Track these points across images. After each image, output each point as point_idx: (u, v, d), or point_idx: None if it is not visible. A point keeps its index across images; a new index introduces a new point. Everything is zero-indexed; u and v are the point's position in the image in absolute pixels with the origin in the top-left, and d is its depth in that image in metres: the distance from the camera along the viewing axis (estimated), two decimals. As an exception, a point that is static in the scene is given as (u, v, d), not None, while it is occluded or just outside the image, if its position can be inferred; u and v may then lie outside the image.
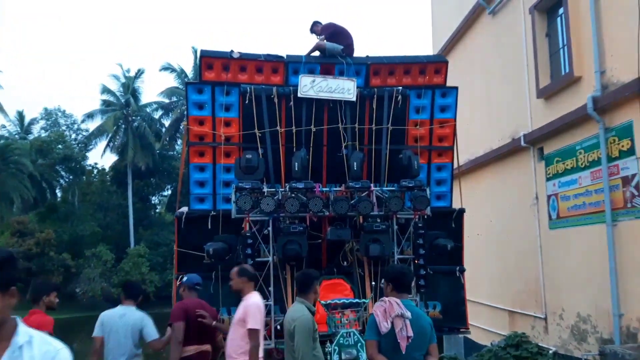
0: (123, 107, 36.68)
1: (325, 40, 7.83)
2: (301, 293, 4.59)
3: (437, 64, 8.11)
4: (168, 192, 39.51)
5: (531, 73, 9.94)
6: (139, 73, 37.82)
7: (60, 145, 37.32)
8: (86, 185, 37.39)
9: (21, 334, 1.92)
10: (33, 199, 34.22)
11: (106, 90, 36.97)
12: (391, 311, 3.82)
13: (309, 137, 7.59)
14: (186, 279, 5.57)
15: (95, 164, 39.57)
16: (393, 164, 7.65)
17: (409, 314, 3.83)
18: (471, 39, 13.09)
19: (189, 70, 37.14)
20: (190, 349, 5.10)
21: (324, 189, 7.35)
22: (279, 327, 6.57)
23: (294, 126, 7.54)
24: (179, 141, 36.84)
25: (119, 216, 36.51)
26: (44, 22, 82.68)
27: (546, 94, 9.47)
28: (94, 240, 33.54)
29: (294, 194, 6.82)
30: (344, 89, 7.47)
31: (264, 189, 6.96)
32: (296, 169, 7.05)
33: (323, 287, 6.64)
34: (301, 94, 7.42)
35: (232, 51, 7.52)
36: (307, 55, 7.81)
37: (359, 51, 8.08)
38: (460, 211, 8.04)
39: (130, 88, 37.05)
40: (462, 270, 7.90)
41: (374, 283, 6.86)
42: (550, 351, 8.67)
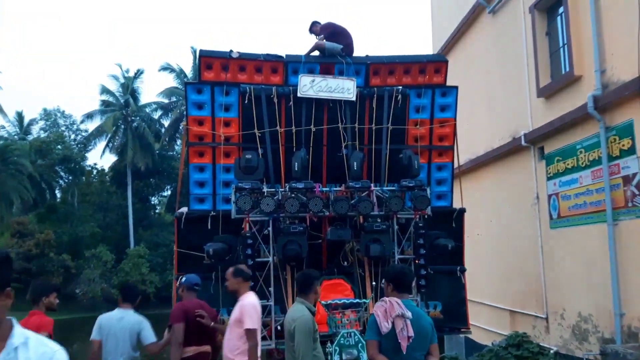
0: (122, 108, 36.65)
1: (325, 40, 7.81)
2: (301, 293, 4.57)
3: (437, 63, 8.10)
4: (168, 193, 39.51)
5: (531, 72, 9.92)
6: (138, 73, 37.82)
7: (59, 146, 37.30)
8: (86, 185, 37.38)
9: (17, 335, 1.89)
10: (32, 200, 34.19)
11: (105, 91, 36.96)
12: (392, 311, 3.80)
13: (309, 137, 7.58)
14: (185, 279, 5.56)
15: (95, 164, 39.69)
16: (393, 164, 7.64)
17: (409, 314, 3.81)
18: (471, 39, 13.07)
19: (188, 70, 37.15)
20: (189, 349, 5.09)
21: (324, 189, 7.34)
22: (279, 328, 6.56)
23: (293, 126, 7.53)
24: (179, 141, 36.84)
25: (118, 217, 36.50)
26: (44, 22, 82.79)
27: (546, 93, 9.45)
28: (93, 241, 33.53)
29: (294, 194, 6.81)
30: (344, 88, 7.46)
31: (264, 189, 6.94)
32: (296, 169, 7.03)
33: (323, 288, 6.63)
34: (301, 93, 7.41)
35: (232, 51, 7.50)
36: (307, 55, 7.79)
37: (359, 51, 8.09)
38: (461, 211, 8.03)
39: (129, 88, 37.03)
40: (463, 270, 7.89)
41: (374, 283, 6.84)
42: (551, 351, 8.65)
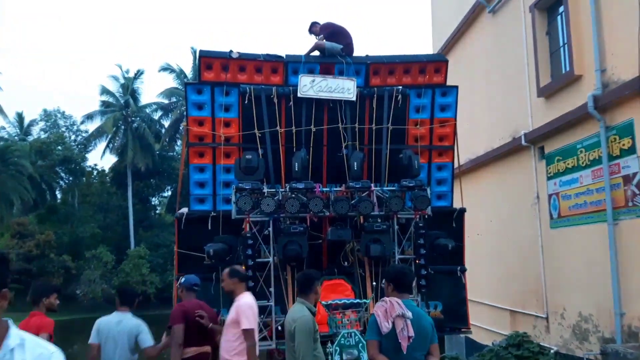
0: (122, 108, 36.65)
1: (325, 40, 7.81)
2: (302, 294, 4.57)
3: (437, 63, 8.09)
4: (168, 193, 39.49)
5: (531, 72, 9.92)
6: (138, 74, 37.83)
7: (59, 147, 37.31)
8: (86, 186, 37.38)
9: (13, 336, 1.86)
10: (33, 201, 34.19)
11: (105, 91, 36.96)
12: (392, 311, 3.80)
13: (309, 137, 7.57)
14: (183, 280, 5.54)
15: (95, 165, 39.65)
16: (393, 164, 7.63)
17: (410, 314, 3.81)
18: (471, 38, 13.07)
19: (188, 70, 37.16)
20: (190, 350, 5.09)
21: (324, 189, 7.33)
22: (280, 328, 6.55)
23: (293, 126, 7.52)
24: (179, 142, 36.83)
25: (119, 217, 36.50)
26: (44, 22, 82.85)
27: (547, 92, 9.45)
28: (94, 241, 33.53)
29: (294, 195, 6.80)
30: (344, 88, 7.45)
31: (264, 189, 6.94)
32: (296, 169, 7.03)
33: (324, 288, 6.62)
34: (301, 93, 7.40)
35: (231, 51, 7.49)
36: (307, 55, 7.79)
37: (359, 51, 8.08)
38: (461, 211, 8.03)
39: (129, 89, 37.04)
40: (463, 270, 7.88)
41: (374, 283, 6.84)
42: (551, 351, 8.64)
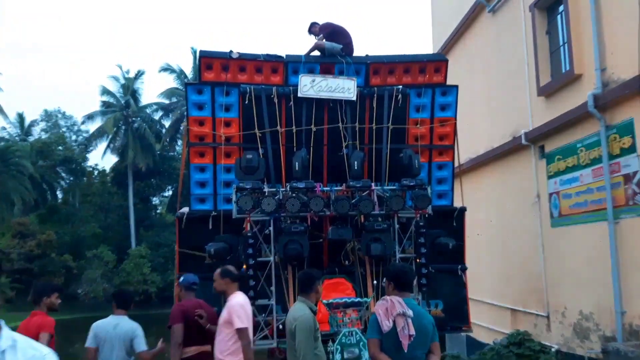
0: (123, 109, 36.69)
1: (324, 40, 7.82)
2: (303, 292, 4.58)
3: (437, 62, 8.10)
4: (169, 193, 39.51)
5: (531, 71, 9.93)
6: (138, 74, 37.89)
7: (60, 147, 37.34)
8: (87, 186, 37.45)
9: (4, 338, 1.83)
10: (34, 201, 34.23)
11: (106, 92, 37.00)
12: (393, 310, 3.81)
13: (310, 137, 7.59)
14: (182, 279, 5.53)
15: (96, 165, 39.71)
16: (394, 163, 7.64)
17: (410, 312, 3.82)
18: (471, 38, 13.07)
19: (188, 70, 37.18)
20: (190, 349, 5.09)
21: (325, 188, 7.34)
22: (281, 327, 6.57)
23: (294, 126, 7.54)
24: (180, 142, 36.85)
25: (119, 217, 36.55)
26: (44, 22, 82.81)
27: (547, 92, 9.45)
28: (95, 241, 33.59)
29: (294, 194, 6.81)
30: (344, 88, 7.47)
31: (265, 189, 6.95)
32: (297, 168, 7.04)
33: (325, 287, 6.62)
34: (301, 93, 7.41)
35: (232, 51, 7.51)
36: (307, 55, 7.80)
37: (359, 51, 8.09)
38: (462, 210, 8.04)
39: (130, 89, 37.07)
40: (464, 268, 7.89)
41: (375, 282, 6.85)
42: (552, 349, 8.64)
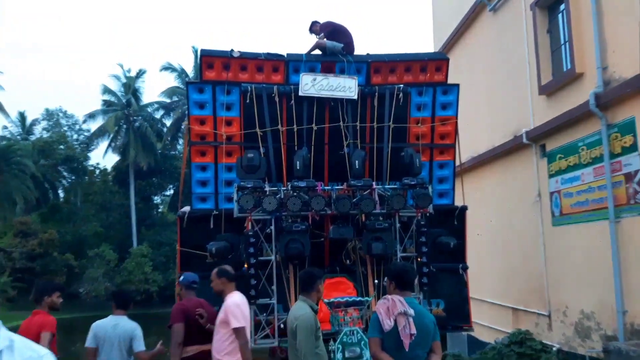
0: (124, 107, 36.73)
1: (325, 39, 7.81)
2: (304, 291, 4.58)
3: (438, 61, 8.10)
4: (170, 192, 39.53)
5: (533, 70, 9.91)
6: (139, 73, 37.92)
7: (62, 146, 37.36)
8: (88, 185, 37.49)
9: (1, 338, 1.78)
10: (36, 200, 34.27)
11: (107, 91, 37.03)
12: (394, 309, 3.81)
13: (311, 136, 7.58)
14: (182, 278, 5.52)
15: (97, 164, 39.73)
16: (395, 162, 7.64)
17: (412, 311, 3.82)
18: (472, 36, 13.06)
19: (189, 69, 37.17)
20: (191, 349, 5.08)
21: (326, 187, 7.35)
22: (282, 326, 6.57)
23: (295, 125, 7.54)
24: (181, 141, 36.85)
25: (121, 216, 36.59)
26: (44, 22, 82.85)
27: (548, 90, 9.44)
28: (96, 240, 33.64)
29: (296, 193, 6.82)
30: (345, 87, 7.46)
31: (266, 187, 6.95)
32: (298, 167, 7.04)
33: (326, 286, 6.63)
34: (302, 92, 7.41)
35: (233, 50, 7.51)
36: (308, 54, 7.80)
37: (360, 50, 8.10)
38: (463, 209, 8.03)
39: (131, 88, 37.09)
40: (465, 267, 7.89)
41: (376, 281, 6.85)
42: (554, 348, 8.64)
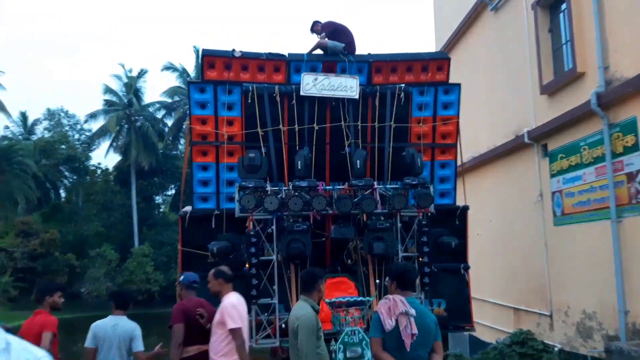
0: (126, 107, 36.76)
1: (326, 39, 7.81)
2: (305, 291, 4.58)
3: (440, 60, 8.08)
4: (172, 192, 39.58)
5: (534, 69, 9.90)
6: (141, 73, 37.95)
7: (63, 146, 37.40)
8: (90, 185, 37.53)
9: None
10: (37, 200, 34.30)
11: (109, 91, 37.08)
12: (395, 309, 3.81)
13: (312, 136, 7.58)
14: (182, 278, 5.50)
15: (99, 164, 39.78)
16: (396, 162, 7.63)
17: (413, 311, 3.81)
18: (474, 36, 13.04)
19: (191, 69, 37.19)
20: (192, 349, 5.07)
21: (328, 187, 7.34)
22: (283, 326, 6.57)
23: (296, 124, 7.53)
24: (182, 141, 36.88)
25: (122, 216, 36.63)
26: (45, 22, 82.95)
27: (549, 90, 9.43)
28: (98, 240, 33.67)
29: (297, 193, 6.81)
30: (347, 86, 7.46)
31: (268, 187, 6.95)
32: (299, 167, 7.04)
33: (327, 286, 6.61)
34: (304, 92, 7.41)
35: (234, 50, 7.51)
36: (309, 54, 7.79)
37: (361, 50, 8.08)
38: (464, 208, 8.02)
39: (132, 88, 37.13)
40: (467, 267, 7.88)
41: (378, 281, 6.85)
42: (555, 348, 8.63)
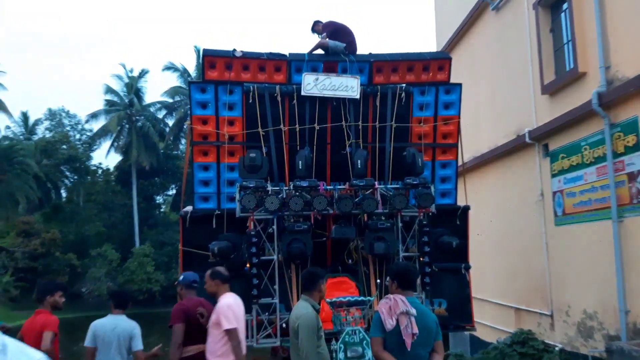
0: (127, 107, 36.80)
1: (327, 38, 7.81)
2: (306, 291, 4.58)
3: (441, 60, 8.08)
4: (173, 192, 39.63)
5: (535, 69, 9.89)
6: (142, 73, 37.97)
7: (64, 146, 37.40)
8: (91, 185, 37.54)
9: None
10: (38, 200, 34.31)
11: (109, 91, 37.12)
12: (396, 308, 3.81)
13: (313, 136, 7.58)
14: (182, 277, 5.49)
15: (100, 164, 39.82)
16: (397, 162, 7.63)
17: (414, 311, 3.82)
18: (475, 36, 13.04)
19: (191, 69, 37.21)
20: (192, 348, 5.07)
21: (328, 187, 7.34)
22: (284, 325, 6.58)
23: (297, 124, 7.53)
24: (183, 140, 36.92)
25: (123, 216, 36.65)
26: (45, 22, 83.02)
27: (551, 90, 9.42)
28: (99, 240, 33.70)
29: (298, 193, 6.81)
30: (348, 86, 7.46)
31: (268, 187, 6.95)
32: (300, 167, 7.04)
33: (328, 286, 6.58)
34: (304, 92, 7.41)
35: (235, 50, 7.51)
36: (310, 54, 7.79)
37: (362, 49, 8.07)
38: (465, 208, 8.02)
39: (133, 88, 37.16)
40: (468, 267, 7.88)
41: (378, 281, 6.85)
42: (556, 348, 8.63)
